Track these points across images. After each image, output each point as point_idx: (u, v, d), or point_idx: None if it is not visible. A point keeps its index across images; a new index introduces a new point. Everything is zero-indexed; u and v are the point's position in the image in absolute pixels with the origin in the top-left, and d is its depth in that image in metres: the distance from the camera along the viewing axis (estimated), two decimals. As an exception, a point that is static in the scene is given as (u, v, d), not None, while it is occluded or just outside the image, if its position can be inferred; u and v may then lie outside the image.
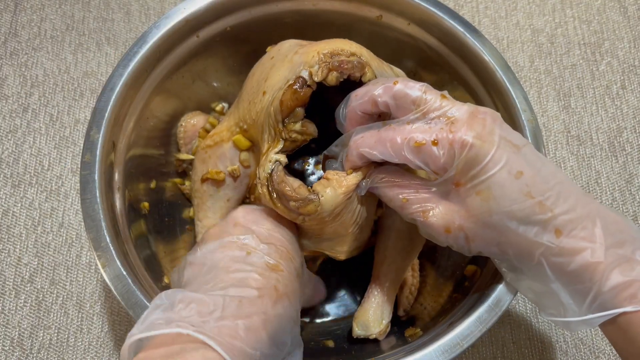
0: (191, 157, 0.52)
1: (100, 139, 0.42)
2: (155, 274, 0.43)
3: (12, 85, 0.59)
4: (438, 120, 0.33)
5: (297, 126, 0.37)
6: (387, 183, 0.36)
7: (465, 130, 0.32)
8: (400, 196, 0.36)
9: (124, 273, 0.38)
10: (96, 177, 0.41)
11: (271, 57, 0.42)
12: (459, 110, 0.33)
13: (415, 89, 0.34)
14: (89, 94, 0.60)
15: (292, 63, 0.38)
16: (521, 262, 0.34)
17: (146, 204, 0.48)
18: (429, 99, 0.34)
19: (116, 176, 0.44)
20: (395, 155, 0.34)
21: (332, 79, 0.36)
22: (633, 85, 0.63)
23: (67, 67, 0.61)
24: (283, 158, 0.38)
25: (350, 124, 0.37)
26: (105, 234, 0.40)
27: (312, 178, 0.54)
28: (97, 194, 0.41)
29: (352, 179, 0.36)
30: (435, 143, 0.33)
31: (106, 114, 0.43)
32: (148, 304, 0.38)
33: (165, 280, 0.44)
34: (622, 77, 0.64)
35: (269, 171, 0.37)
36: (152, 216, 0.49)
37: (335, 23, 0.51)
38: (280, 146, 0.38)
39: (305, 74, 0.36)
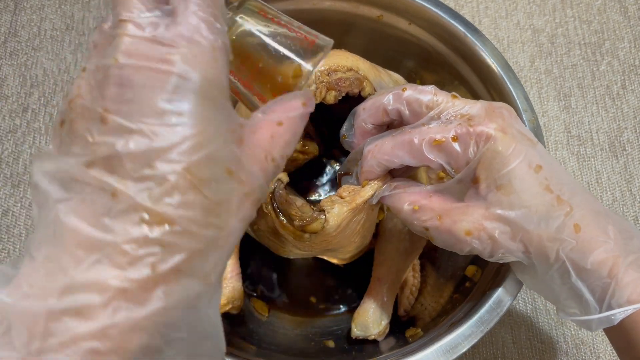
0: None
1: None
2: None
3: (12, 85, 0.59)
4: (453, 119, 0.33)
5: (298, 145, 0.37)
6: (399, 190, 0.35)
7: (487, 123, 0.32)
8: (411, 205, 0.35)
9: None
10: None
11: None
12: (473, 107, 0.34)
13: (426, 92, 0.34)
14: (88, 93, 0.60)
15: None
16: (542, 259, 0.33)
17: None
18: (441, 100, 0.34)
19: None
20: (414, 157, 0.34)
21: (331, 98, 0.36)
22: (633, 85, 0.63)
23: (67, 67, 0.61)
24: (284, 177, 0.37)
25: (361, 138, 0.37)
26: None
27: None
28: None
29: (367, 192, 0.36)
30: (455, 139, 0.32)
31: None
32: None
33: None
34: (622, 77, 0.64)
35: (271, 191, 0.37)
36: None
37: (335, 22, 0.51)
38: None
39: None
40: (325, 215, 0.36)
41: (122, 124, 0.20)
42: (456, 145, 0.33)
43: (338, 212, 0.36)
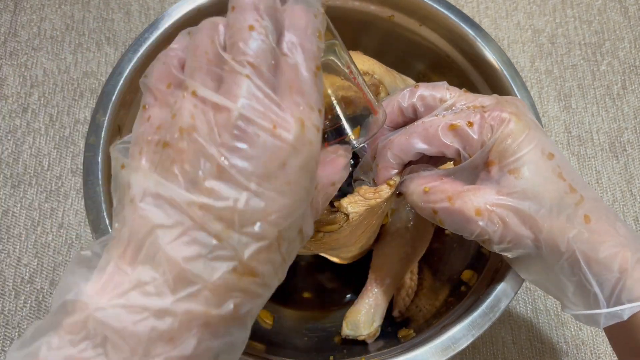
0: None
1: (105, 122, 0.42)
2: None
3: (12, 86, 0.59)
4: (466, 110, 0.34)
5: None
6: (412, 174, 0.36)
7: (502, 108, 0.33)
8: (421, 187, 0.35)
9: None
10: (99, 160, 0.41)
11: None
12: (485, 99, 0.34)
13: (439, 87, 0.35)
14: (88, 94, 0.60)
15: None
16: (551, 247, 0.32)
17: None
18: (454, 95, 0.35)
19: None
20: (430, 144, 0.34)
21: None
22: (634, 85, 0.63)
23: (67, 67, 0.61)
24: None
25: (375, 141, 0.37)
26: (105, 216, 0.39)
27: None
28: (100, 177, 0.41)
29: (387, 189, 0.36)
30: (470, 124, 0.33)
31: (113, 98, 0.43)
32: None
33: None
34: (622, 78, 0.63)
35: None
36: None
37: (349, 20, 0.50)
38: None
39: None
40: (345, 214, 0.36)
41: (237, 179, 0.22)
42: (471, 130, 0.33)
43: (358, 212, 0.36)
